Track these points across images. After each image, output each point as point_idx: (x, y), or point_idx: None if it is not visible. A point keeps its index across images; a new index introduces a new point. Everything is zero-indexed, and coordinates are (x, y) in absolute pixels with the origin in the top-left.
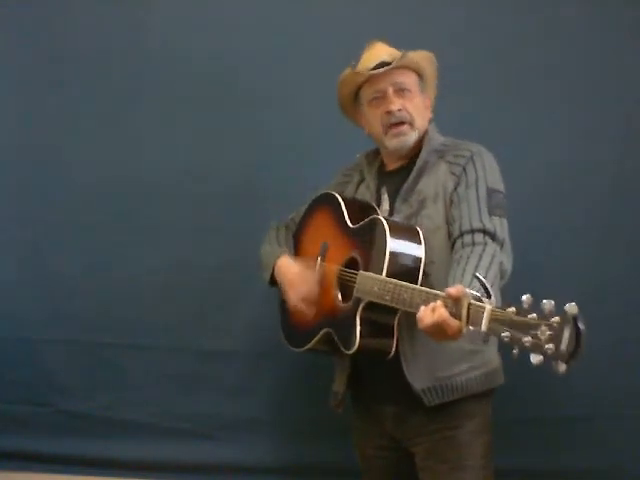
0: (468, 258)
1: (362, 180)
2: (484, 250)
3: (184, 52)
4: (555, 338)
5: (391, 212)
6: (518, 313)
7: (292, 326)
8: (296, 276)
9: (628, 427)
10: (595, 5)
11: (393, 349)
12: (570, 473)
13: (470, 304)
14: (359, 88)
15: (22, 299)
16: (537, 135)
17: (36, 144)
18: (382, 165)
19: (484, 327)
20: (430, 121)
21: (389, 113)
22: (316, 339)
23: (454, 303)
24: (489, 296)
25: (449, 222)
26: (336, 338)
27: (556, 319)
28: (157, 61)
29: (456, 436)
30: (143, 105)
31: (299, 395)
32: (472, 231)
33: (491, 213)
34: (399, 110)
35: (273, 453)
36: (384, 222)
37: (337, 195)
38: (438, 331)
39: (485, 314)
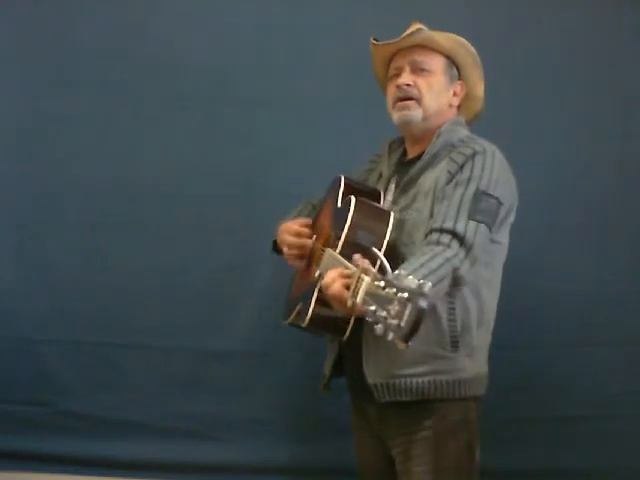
0: (422, 255)
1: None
2: (443, 251)
3: (184, 52)
4: (399, 314)
5: (394, 203)
6: (384, 287)
7: (287, 300)
8: (292, 223)
9: (628, 427)
10: (595, 5)
11: (348, 329)
12: (570, 473)
13: (359, 277)
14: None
15: (22, 299)
16: (537, 135)
17: (36, 144)
18: (404, 155)
19: (359, 299)
20: (456, 110)
21: (398, 87)
22: (293, 315)
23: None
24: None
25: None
26: (301, 311)
27: (404, 295)
28: (157, 61)
29: (429, 437)
30: (143, 105)
31: (299, 395)
32: (441, 230)
33: (471, 216)
34: (407, 85)
35: (273, 453)
36: (353, 200)
37: (342, 178)
38: (332, 292)
39: (363, 286)
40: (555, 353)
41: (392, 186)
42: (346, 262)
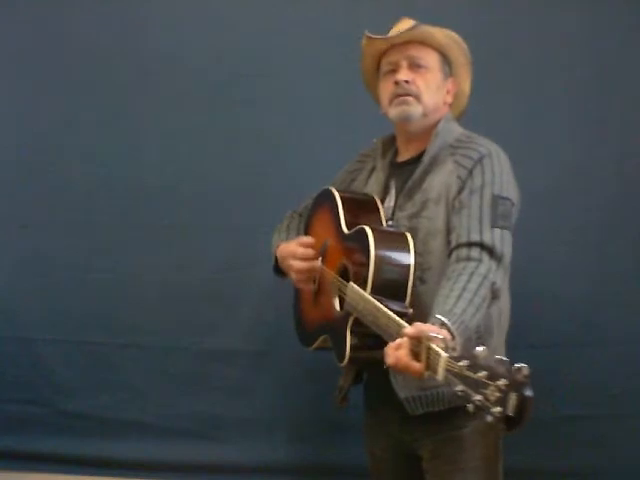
0: (458, 276)
1: (375, 168)
2: (477, 268)
3: (184, 52)
4: (502, 402)
5: (395, 209)
6: (470, 367)
7: (301, 325)
8: (295, 245)
9: (628, 427)
10: (595, 5)
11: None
12: (570, 473)
13: (429, 348)
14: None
15: (22, 299)
16: (537, 135)
17: (36, 144)
18: (395, 155)
19: (440, 376)
20: (448, 108)
21: (396, 83)
22: (317, 343)
23: (417, 342)
24: (454, 338)
25: (449, 229)
26: (332, 347)
27: (504, 382)
28: (157, 61)
29: (460, 437)
30: (143, 105)
31: (299, 395)
32: (469, 244)
33: (493, 224)
34: (406, 82)
35: (273, 453)
36: (369, 233)
37: (336, 193)
38: (401, 369)
39: (440, 363)
40: (555, 353)
41: (392, 191)
42: (394, 317)
